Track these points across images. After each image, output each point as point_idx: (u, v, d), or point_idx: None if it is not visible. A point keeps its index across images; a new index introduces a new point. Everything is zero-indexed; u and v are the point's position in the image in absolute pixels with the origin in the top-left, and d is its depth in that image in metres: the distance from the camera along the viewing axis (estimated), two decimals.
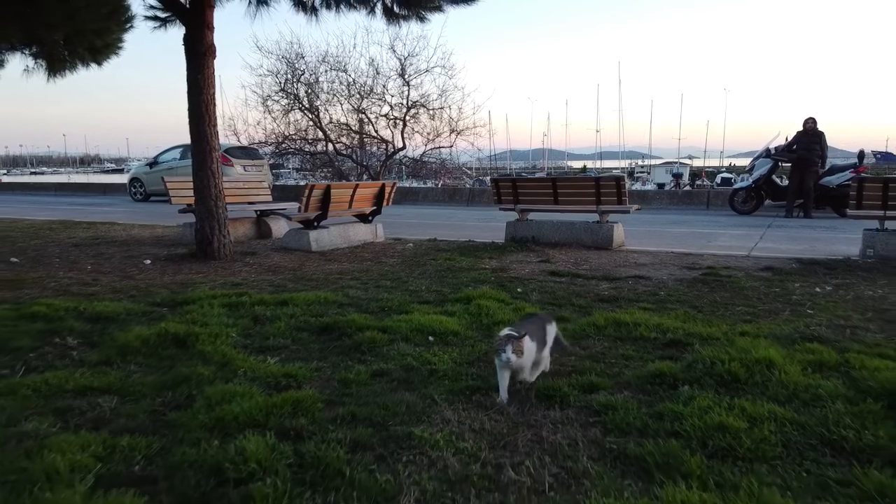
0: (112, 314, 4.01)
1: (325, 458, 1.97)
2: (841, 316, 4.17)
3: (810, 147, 12.04)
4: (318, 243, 7.60)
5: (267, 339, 3.48)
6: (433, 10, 7.52)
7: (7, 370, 3.01)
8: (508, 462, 2.03)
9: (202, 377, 2.76)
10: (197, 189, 6.97)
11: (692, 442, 2.10)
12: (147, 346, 3.23)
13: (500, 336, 2.63)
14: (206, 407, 2.39)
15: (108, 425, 2.31)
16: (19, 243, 8.30)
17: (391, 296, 4.73)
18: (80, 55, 11.22)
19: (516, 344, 2.53)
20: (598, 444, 2.17)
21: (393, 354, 3.20)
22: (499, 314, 4.02)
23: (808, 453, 2.07)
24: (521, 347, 2.55)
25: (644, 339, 3.43)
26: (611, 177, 8.21)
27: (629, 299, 4.65)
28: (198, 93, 6.92)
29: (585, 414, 2.42)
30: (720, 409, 2.30)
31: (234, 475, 1.85)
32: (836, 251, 7.26)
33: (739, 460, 2.00)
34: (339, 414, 2.38)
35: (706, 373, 2.73)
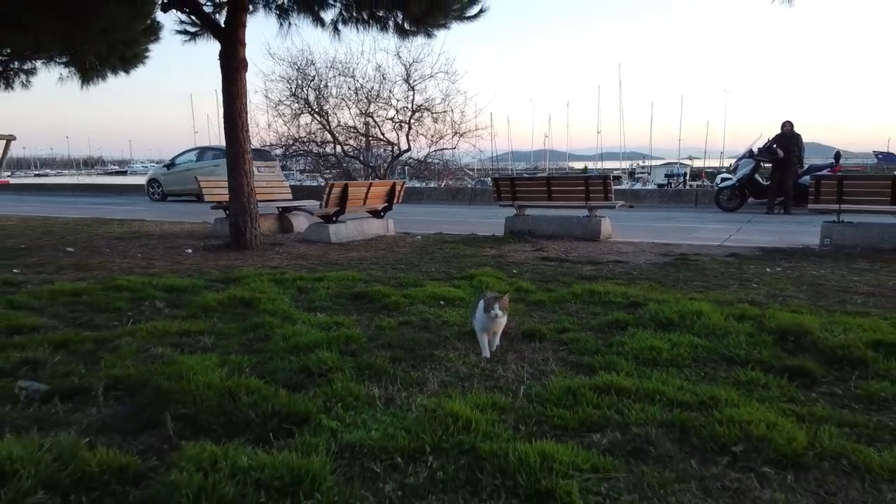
0: (182, 287, 4.93)
1: (375, 364, 2.89)
2: (779, 288, 5.09)
3: (788, 148, 12.93)
4: (336, 236, 8.52)
5: (313, 303, 4.41)
6: (439, 27, 8.44)
7: (117, 322, 3.93)
8: (500, 368, 2.95)
9: (272, 324, 3.68)
10: (231, 187, 7.89)
11: (628, 356, 3.02)
12: (222, 306, 4.16)
13: (487, 296, 3.10)
14: (283, 339, 3.31)
15: (213, 350, 3.23)
16: (66, 237, 9.22)
17: (406, 275, 5.65)
18: (111, 64, 12.18)
19: (502, 302, 3.03)
20: (563, 359, 3.09)
21: (413, 312, 4.11)
22: (496, 286, 4.94)
23: (709, 363, 2.99)
24: (506, 305, 3.06)
25: (611, 302, 4.34)
26: (598, 176, 9.14)
27: (606, 277, 5.56)
28: (231, 102, 7.85)
29: (557, 344, 3.34)
30: (652, 339, 3.22)
31: (316, 370, 2.77)
32: (800, 241, 8.16)
33: (659, 366, 2.91)
34: (379, 343, 3.31)
35: (650, 319, 3.65)
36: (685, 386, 2.58)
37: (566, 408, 2.35)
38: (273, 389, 2.53)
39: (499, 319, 3.08)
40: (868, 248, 7.43)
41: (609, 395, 2.46)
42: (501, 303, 3.04)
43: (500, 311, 3.02)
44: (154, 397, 2.52)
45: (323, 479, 1.79)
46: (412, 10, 7.22)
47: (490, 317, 3.04)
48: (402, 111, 20.51)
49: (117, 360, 3.05)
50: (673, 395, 2.45)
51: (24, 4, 8.43)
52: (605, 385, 2.55)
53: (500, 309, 3.02)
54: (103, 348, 3.29)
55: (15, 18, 8.83)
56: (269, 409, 2.31)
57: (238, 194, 7.84)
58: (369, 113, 20.89)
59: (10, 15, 8.70)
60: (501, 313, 3.04)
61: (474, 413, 2.24)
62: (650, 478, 1.86)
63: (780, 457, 1.96)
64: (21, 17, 8.74)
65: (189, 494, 1.69)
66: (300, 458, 1.89)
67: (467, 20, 8.73)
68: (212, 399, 2.40)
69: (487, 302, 3.05)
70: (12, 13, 8.62)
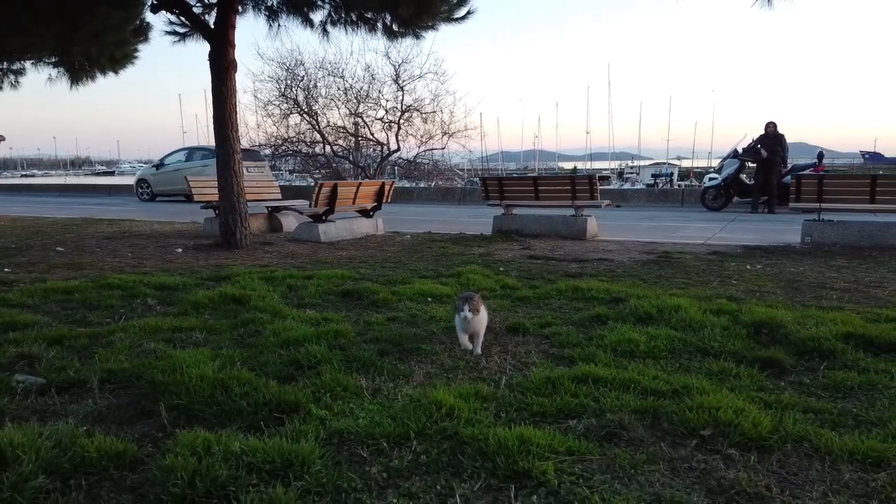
0: (172, 285, 5.00)
1: (363, 357, 2.99)
2: (758, 284, 5.22)
3: (772, 148, 13.14)
4: (326, 235, 8.60)
5: (303, 300, 4.49)
6: (428, 29, 8.54)
7: (109, 319, 4.00)
8: (484, 360, 3.05)
9: (263, 320, 3.77)
10: (221, 187, 7.95)
11: (607, 348, 3.13)
12: (213, 303, 4.24)
13: (459, 296, 3.12)
14: (273, 334, 3.40)
15: (205, 345, 3.31)
16: (56, 237, 9.24)
17: (395, 273, 5.74)
18: (101, 65, 12.17)
19: (472, 303, 3.01)
20: (545, 351, 3.20)
21: (401, 308, 4.21)
22: (483, 283, 5.05)
23: (684, 354, 3.10)
24: (476, 306, 3.02)
25: (593, 298, 4.46)
26: (584, 176, 9.27)
27: (590, 274, 5.68)
28: (221, 102, 7.91)
29: (539, 337, 3.45)
30: (631, 332, 3.33)
31: (306, 363, 2.86)
32: (782, 240, 8.32)
33: (636, 357, 3.03)
34: (367, 338, 3.41)
35: (630, 314, 3.77)
36: (660, 376, 2.70)
37: (545, 396, 2.46)
38: (264, 381, 2.62)
39: (470, 321, 3.06)
40: (847, 245, 7.61)
41: (587, 385, 2.57)
42: (472, 304, 3.03)
43: (469, 312, 3.02)
44: (148, 389, 2.60)
45: (312, 463, 1.89)
46: (401, 13, 7.31)
47: (461, 318, 3.05)
48: (391, 111, 20.60)
49: (111, 354, 3.12)
50: (647, 384, 2.57)
51: (20, 7, 8.45)
52: (583, 375, 2.66)
53: (470, 310, 3.02)
54: (97, 344, 3.37)
55: (9, 21, 8.84)
56: (260, 399, 2.40)
57: (228, 194, 7.90)
58: (359, 113, 20.97)
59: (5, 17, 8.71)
60: (471, 315, 3.03)
61: (458, 401, 2.34)
62: (622, 459, 1.97)
63: (745, 440, 2.08)
64: (15, 20, 8.75)
65: (184, 477, 1.78)
66: (290, 443, 1.99)
67: (455, 22, 8.83)
68: (204, 390, 2.48)
69: (457, 303, 3.08)
70: (6, 16, 8.62)
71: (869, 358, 3.00)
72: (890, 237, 7.54)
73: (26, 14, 8.70)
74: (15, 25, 9.10)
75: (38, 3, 8.42)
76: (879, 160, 58.96)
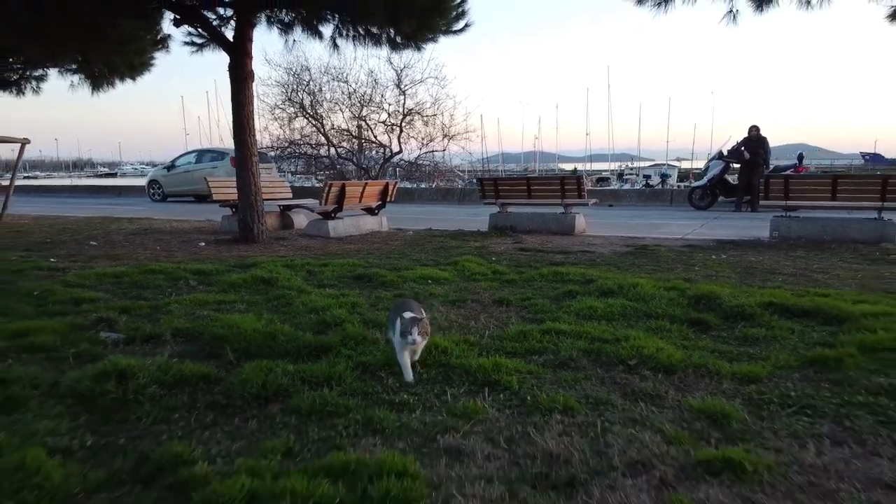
0: (208, 270, 5.77)
1: (376, 319, 3.76)
2: (717, 270, 5.99)
3: (755, 150, 13.91)
4: (335, 231, 9.36)
5: (322, 281, 5.27)
6: (428, 41, 9.30)
7: (161, 295, 4.77)
8: (473, 322, 3.82)
9: (291, 295, 4.54)
10: (240, 186, 8.72)
11: (571, 313, 3.91)
12: (246, 283, 5.01)
13: (405, 319, 2.70)
14: (302, 304, 4.17)
15: (248, 312, 4.08)
16: (84, 233, 10.01)
17: (400, 262, 6.51)
18: (121, 72, 12.94)
19: (421, 326, 2.70)
20: (522, 316, 3.98)
21: (406, 288, 4.98)
22: (477, 269, 5.81)
23: (632, 317, 3.87)
24: (426, 329, 2.76)
25: (569, 280, 5.22)
26: (572, 176, 10.08)
27: (572, 263, 6.45)
28: (240, 109, 8.68)
29: (519, 307, 4.23)
30: (594, 302, 4.10)
31: (332, 322, 3.64)
32: (754, 235, 9.07)
33: (594, 319, 3.80)
34: (378, 307, 4.19)
35: (596, 290, 4.54)
36: (608, 329, 3.47)
37: (517, 342, 3.23)
38: (301, 333, 3.39)
39: (418, 344, 2.76)
40: (811, 239, 8.35)
41: (550, 335, 3.34)
42: (421, 327, 2.71)
43: (418, 336, 2.69)
44: (212, 340, 3.37)
45: (346, 378, 2.66)
46: (404, 29, 8.09)
47: (407, 342, 2.70)
48: (393, 115, 21.40)
49: (173, 319, 3.89)
50: (596, 335, 3.34)
51: (48, 18, 9.21)
52: (548, 329, 3.44)
53: (420, 334, 2.70)
54: (158, 312, 4.14)
55: (38, 31, 9.60)
56: (300, 343, 3.18)
57: (246, 193, 8.67)
58: (362, 116, 21.78)
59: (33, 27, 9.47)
60: (420, 339, 2.71)
61: (450, 344, 3.11)
62: (567, 377, 2.73)
63: (659, 366, 2.85)
64: (44, 30, 9.51)
65: (257, 383, 2.55)
66: (329, 367, 2.76)
67: (454, 34, 9.59)
68: (257, 339, 3.26)
69: (405, 326, 2.68)
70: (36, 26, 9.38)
71: (781, 320, 3.76)
72: (849, 231, 8.30)
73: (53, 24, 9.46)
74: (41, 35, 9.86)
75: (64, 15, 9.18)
76: (880, 161, 59.50)
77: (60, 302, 4.42)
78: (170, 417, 2.37)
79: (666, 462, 1.97)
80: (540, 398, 2.47)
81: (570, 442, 2.11)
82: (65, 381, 2.67)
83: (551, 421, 2.30)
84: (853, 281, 5.40)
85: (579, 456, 2.00)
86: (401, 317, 2.72)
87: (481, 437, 2.17)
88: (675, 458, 2.00)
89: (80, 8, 8.61)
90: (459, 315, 4.01)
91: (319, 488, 1.75)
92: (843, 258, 6.84)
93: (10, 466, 1.91)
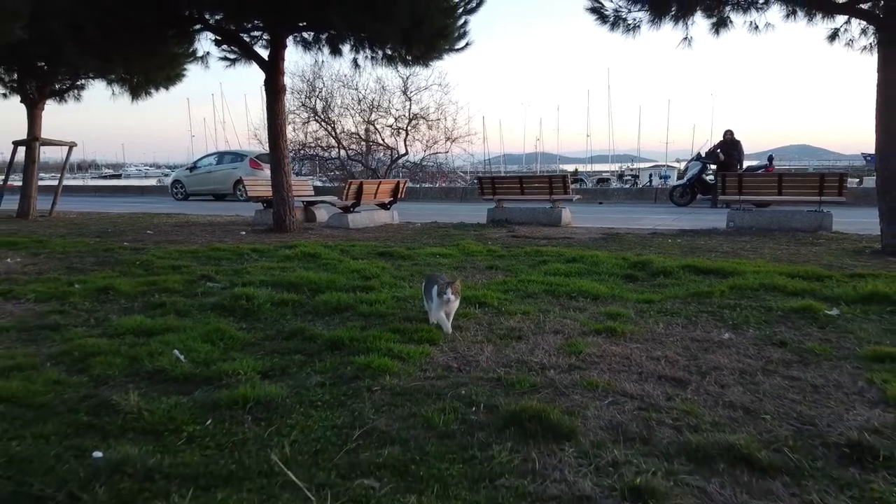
0: (261, 249, 7.29)
1: (401, 275, 5.27)
2: (665, 249, 7.48)
3: (729, 152, 15.40)
4: (354, 223, 10.88)
5: (354, 256, 6.78)
6: (435, 59, 10.83)
7: (235, 264, 6.27)
8: (471, 278, 5.33)
9: (334, 262, 6.06)
10: (274, 184, 10.25)
11: (541, 273, 5.41)
12: (297, 256, 6.53)
13: (441, 281, 3.36)
14: (344, 267, 5.69)
15: (306, 271, 5.59)
16: (135, 225, 11.54)
17: (412, 244, 8.03)
18: (157, 82, 14.46)
19: (454, 288, 3.33)
20: (506, 274, 5.49)
21: (420, 261, 6.49)
22: (475, 249, 7.32)
23: (587, 274, 5.38)
24: (457, 289, 3.37)
25: (546, 255, 6.72)
26: (558, 175, 11.58)
27: (553, 246, 7.95)
28: (274, 119, 10.21)
29: (504, 271, 5.76)
30: (559, 265, 5.61)
31: (370, 275, 5.15)
32: (715, 226, 10.56)
33: (557, 275, 5.30)
34: (401, 272, 5.69)
35: (564, 259, 6.06)
36: (564, 280, 4.99)
37: (499, 286, 4.76)
38: (351, 280, 4.91)
39: (452, 303, 3.36)
40: (761, 228, 9.83)
41: (523, 282, 4.87)
42: (454, 287, 3.32)
43: (452, 295, 3.31)
44: (289, 285, 4.88)
45: (387, 301, 4.18)
46: (414, 52, 9.62)
47: (443, 300, 3.33)
48: (399, 119, 22.98)
49: (254, 275, 5.41)
50: (556, 283, 4.86)
51: (110, 37, 10.72)
52: (523, 279, 4.96)
53: (453, 293, 3.31)
54: (239, 273, 5.65)
55: (99, 48, 11.11)
56: (353, 284, 4.70)
57: (279, 189, 10.20)
58: (370, 121, 23.37)
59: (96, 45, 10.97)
60: (454, 297, 3.32)
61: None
62: (528, 301, 4.25)
63: (590, 295, 4.37)
64: (104, 47, 11.02)
65: (331, 303, 4.07)
66: (376, 295, 4.28)
67: (457, 52, 11.12)
68: (322, 282, 4.79)
69: (440, 286, 3.33)
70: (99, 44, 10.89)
71: (690, 275, 5.27)
72: (793, 222, 9.78)
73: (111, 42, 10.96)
74: (101, 51, 11.35)
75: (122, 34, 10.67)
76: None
77: (162, 268, 5.95)
78: (284, 317, 3.91)
79: (575, 330, 3.50)
80: (508, 308, 4.00)
81: (522, 323, 3.65)
82: (208, 302, 4.20)
83: (514, 317, 3.83)
84: (770, 255, 6.88)
85: (526, 327, 3.54)
86: (437, 281, 3.40)
87: (473, 322, 3.70)
88: (580, 329, 3.53)
89: (136, 29, 10.12)
90: (461, 275, 5.51)
91: (383, 338, 3.27)
92: (778, 242, 8.31)
93: (205, 329, 3.43)
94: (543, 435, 2.19)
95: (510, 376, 2.82)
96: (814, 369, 2.97)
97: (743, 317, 3.89)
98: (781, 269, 5.44)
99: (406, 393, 2.60)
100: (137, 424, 2.31)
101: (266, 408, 2.46)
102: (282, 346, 3.33)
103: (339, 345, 3.25)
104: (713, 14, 8.56)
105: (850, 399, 2.60)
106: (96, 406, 2.50)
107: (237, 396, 2.51)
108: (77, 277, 5.46)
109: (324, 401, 2.55)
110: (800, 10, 8.25)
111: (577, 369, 2.93)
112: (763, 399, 2.59)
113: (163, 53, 12.30)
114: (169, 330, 3.56)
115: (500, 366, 2.99)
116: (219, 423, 2.32)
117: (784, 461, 2.03)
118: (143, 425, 2.30)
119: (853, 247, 7.59)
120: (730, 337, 3.47)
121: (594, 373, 2.89)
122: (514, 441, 2.17)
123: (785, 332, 3.57)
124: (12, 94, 14.06)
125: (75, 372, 2.95)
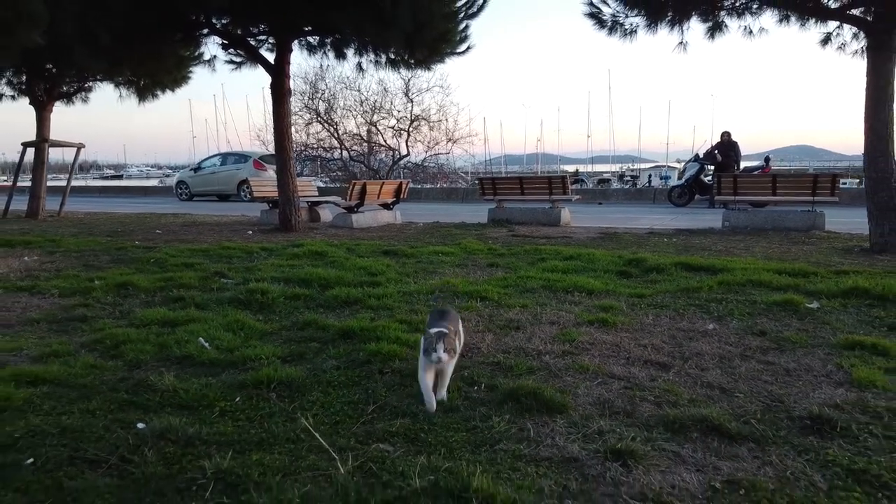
0: (270, 247, 7.55)
1: (406, 272, 5.54)
2: (661, 247, 7.73)
3: (726, 153, 15.66)
4: (357, 222, 11.14)
5: (359, 254, 7.04)
6: (437, 63, 11.09)
7: (246, 262, 6.53)
8: (472, 275, 5.59)
9: (340, 260, 6.32)
10: (280, 185, 10.52)
11: (539, 269, 5.67)
12: (305, 254, 6.79)
13: (430, 333, 2.44)
14: (351, 264, 5.95)
15: (315, 269, 5.85)
16: (144, 225, 11.80)
17: (416, 243, 8.29)
18: (163, 85, 14.71)
19: (447, 341, 2.41)
20: (506, 271, 5.74)
21: (423, 258, 6.74)
22: (476, 247, 7.58)
23: (583, 271, 5.63)
24: (452, 345, 2.45)
25: (545, 253, 6.98)
26: (558, 176, 11.83)
27: (552, 245, 8.21)
28: (280, 121, 10.48)
29: (504, 268, 6.01)
30: (556, 262, 5.86)
31: (376, 272, 5.42)
32: (711, 225, 10.81)
33: (555, 272, 5.56)
34: (405, 268, 5.95)
35: (562, 257, 6.32)
36: (561, 276, 5.24)
37: (499, 281, 5.01)
38: (359, 276, 5.17)
39: (444, 362, 2.44)
40: (755, 227, 10.08)
41: (522, 278, 5.13)
42: (447, 342, 2.42)
43: (444, 353, 2.41)
44: (300, 280, 5.14)
45: (393, 295, 4.44)
46: (417, 56, 9.89)
47: (432, 361, 2.42)
48: (401, 120, 23.26)
49: (265, 272, 5.67)
50: (553, 279, 5.11)
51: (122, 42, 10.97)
52: (522, 276, 5.22)
53: (446, 350, 2.41)
54: (251, 270, 5.91)
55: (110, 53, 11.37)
56: (361, 280, 4.96)
57: (285, 189, 10.46)
58: (373, 122, 23.64)
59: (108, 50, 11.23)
60: (446, 357, 2.41)
61: (456, 282, 4.88)
62: (527, 296, 4.51)
63: (585, 290, 4.63)
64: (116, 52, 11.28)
65: (341, 298, 4.32)
66: (383, 290, 4.54)
67: (458, 55, 11.38)
68: (331, 278, 5.04)
69: (427, 341, 2.43)
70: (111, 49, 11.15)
71: (682, 272, 5.52)
72: (787, 221, 10.03)
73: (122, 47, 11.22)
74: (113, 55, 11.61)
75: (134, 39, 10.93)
76: None
77: (176, 265, 6.21)
78: (297, 309, 4.17)
79: (569, 321, 3.76)
80: (508, 302, 4.26)
81: (520, 315, 3.91)
82: (225, 297, 4.46)
83: (513, 310, 4.09)
84: (761, 254, 7.13)
85: (524, 319, 3.81)
86: (425, 332, 2.51)
87: (475, 314, 3.96)
88: (575, 320, 3.79)
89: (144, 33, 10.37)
90: (462, 272, 5.78)
91: (391, 328, 3.53)
92: (771, 241, 8.56)
93: (225, 321, 3.69)
94: (538, 409, 2.45)
95: (509, 360, 3.08)
96: (788, 355, 3.23)
97: (728, 309, 4.14)
98: (770, 266, 5.70)
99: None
100: (174, 401, 2.57)
101: (288, 387, 2.72)
102: (297, 335, 3.59)
103: (350, 334, 3.51)
104: (708, 19, 8.81)
105: (818, 380, 2.86)
106: (134, 385, 2.76)
107: (261, 377, 2.77)
108: (96, 274, 5.73)
109: (340, 381, 2.81)
110: (793, 15, 8.51)
111: (570, 355, 3.19)
112: (738, 380, 2.85)
113: (170, 56, 12.57)
114: (191, 321, 3.83)
115: (500, 352, 3.25)
116: (247, 400, 2.59)
117: (751, 431, 2.29)
118: (179, 401, 2.56)
119: (843, 245, 7.84)
120: (714, 327, 3.73)
121: (585, 358, 3.15)
122: (512, 414, 2.43)
123: (766, 323, 3.83)
124: (21, 96, 14.31)
125: (109, 357, 3.21)
